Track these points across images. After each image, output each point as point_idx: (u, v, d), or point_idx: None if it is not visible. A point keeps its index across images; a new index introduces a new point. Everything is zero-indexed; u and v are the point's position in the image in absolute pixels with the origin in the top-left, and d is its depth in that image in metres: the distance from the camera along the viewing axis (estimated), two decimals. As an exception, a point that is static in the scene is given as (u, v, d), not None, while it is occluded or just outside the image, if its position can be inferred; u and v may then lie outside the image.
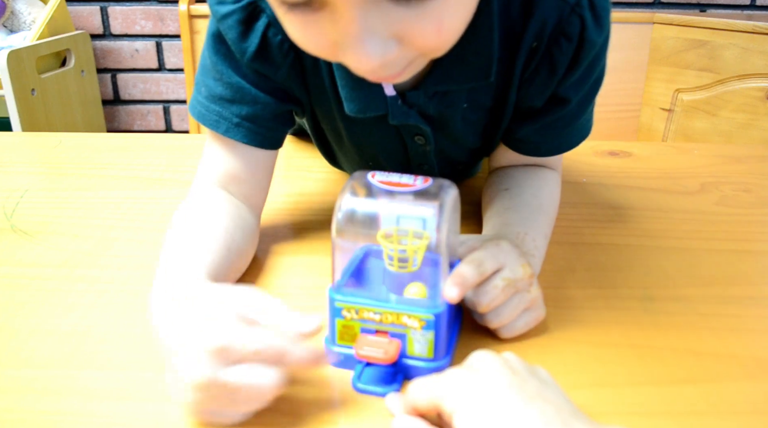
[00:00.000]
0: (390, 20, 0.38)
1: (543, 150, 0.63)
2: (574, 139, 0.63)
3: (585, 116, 0.61)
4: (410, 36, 0.40)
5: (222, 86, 0.56)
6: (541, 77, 0.55)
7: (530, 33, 0.52)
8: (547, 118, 0.59)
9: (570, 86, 0.56)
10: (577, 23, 0.51)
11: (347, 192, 0.43)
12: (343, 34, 0.39)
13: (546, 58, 0.54)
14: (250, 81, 0.56)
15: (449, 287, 0.43)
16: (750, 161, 0.90)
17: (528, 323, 0.48)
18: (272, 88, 0.57)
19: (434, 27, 0.39)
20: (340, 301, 0.43)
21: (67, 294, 0.54)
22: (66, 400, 0.42)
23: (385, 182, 0.43)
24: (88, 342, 0.48)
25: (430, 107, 0.57)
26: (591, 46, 0.53)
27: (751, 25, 1.47)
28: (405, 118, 0.57)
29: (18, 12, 1.76)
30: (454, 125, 0.59)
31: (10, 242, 0.64)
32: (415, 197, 0.42)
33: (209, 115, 0.57)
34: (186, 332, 0.38)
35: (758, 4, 1.88)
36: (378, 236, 0.42)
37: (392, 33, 0.39)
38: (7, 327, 0.50)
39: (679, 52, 1.60)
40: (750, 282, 0.58)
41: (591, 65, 0.55)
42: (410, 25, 0.39)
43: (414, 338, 0.43)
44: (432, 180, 0.44)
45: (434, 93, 0.55)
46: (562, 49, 0.53)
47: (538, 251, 0.55)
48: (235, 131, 0.57)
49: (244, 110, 0.56)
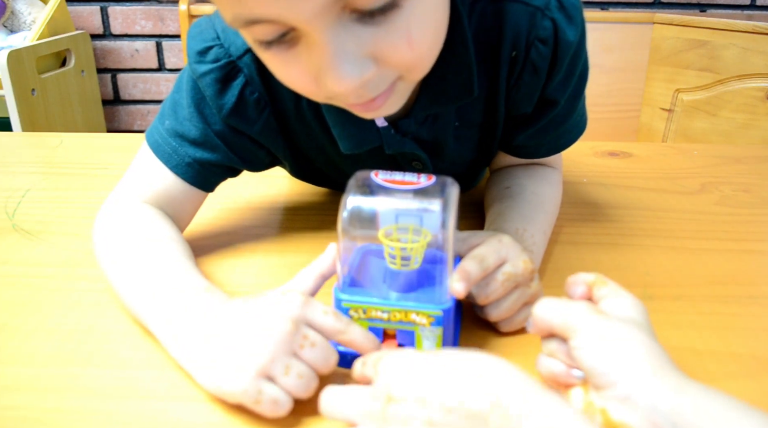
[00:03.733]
0: (361, 40, 0.40)
1: (542, 152, 0.64)
2: (571, 136, 0.63)
3: (577, 112, 0.61)
4: (384, 53, 0.41)
5: (190, 127, 0.57)
6: (526, 84, 0.55)
7: (506, 43, 0.52)
8: (539, 122, 0.59)
9: (556, 88, 0.56)
10: (550, 26, 0.52)
11: (351, 191, 0.43)
12: (319, 62, 0.40)
13: (528, 65, 0.54)
14: (218, 133, 0.57)
15: (456, 283, 0.43)
16: (750, 161, 0.90)
17: (527, 317, 0.49)
18: (239, 144, 0.58)
19: (404, 40, 0.41)
20: (347, 301, 0.44)
21: (69, 293, 0.55)
22: (68, 398, 0.42)
23: (388, 181, 0.44)
24: (89, 340, 0.48)
25: (423, 133, 0.57)
26: (568, 46, 0.53)
27: (751, 25, 1.48)
28: (400, 146, 0.57)
29: (18, 12, 1.76)
30: (448, 145, 0.60)
31: (12, 242, 0.64)
32: (418, 195, 0.43)
33: (164, 147, 0.57)
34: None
35: (758, 4, 1.89)
36: (379, 234, 0.43)
37: (366, 53, 0.40)
38: (9, 326, 0.50)
39: (679, 52, 1.60)
40: (750, 282, 0.58)
41: (572, 63, 0.55)
42: (381, 41, 0.40)
43: (423, 334, 0.43)
44: (435, 178, 0.44)
45: (425, 118, 0.56)
46: (541, 53, 0.53)
47: (536, 248, 0.55)
48: (184, 169, 0.57)
49: (200, 153, 0.57)
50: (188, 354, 0.43)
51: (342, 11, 0.38)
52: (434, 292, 0.44)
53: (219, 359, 0.41)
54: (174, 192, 0.58)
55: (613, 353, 0.35)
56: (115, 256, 0.53)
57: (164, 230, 0.55)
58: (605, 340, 0.36)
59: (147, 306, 0.47)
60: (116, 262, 0.52)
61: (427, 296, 0.44)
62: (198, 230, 0.66)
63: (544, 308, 0.40)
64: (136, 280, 0.49)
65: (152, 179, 0.58)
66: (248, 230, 0.67)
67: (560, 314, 0.38)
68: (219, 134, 0.57)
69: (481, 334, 0.49)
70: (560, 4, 0.52)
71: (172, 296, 0.46)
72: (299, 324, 0.41)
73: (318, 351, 0.41)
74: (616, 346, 0.35)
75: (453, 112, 0.57)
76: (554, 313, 0.39)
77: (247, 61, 0.54)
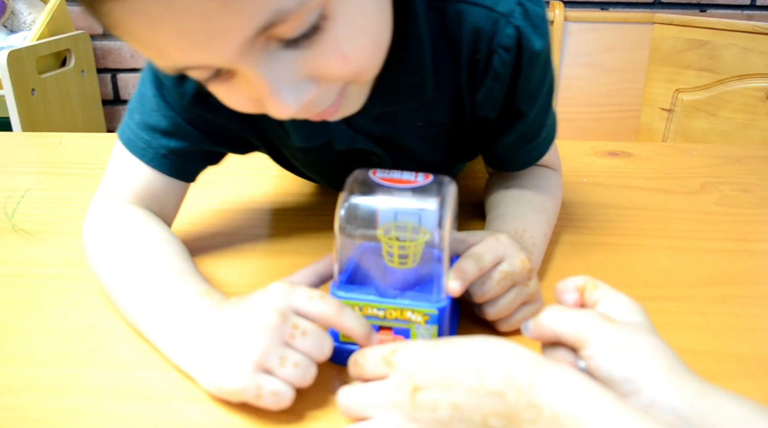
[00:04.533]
0: (294, 66, 0.39)
1: (516, 165, 0.64)
2: (543, 148, 0.63)
3: (547, 124, 0.61)
4: (320, 72, 0.40)
5: (158, 117, 0.56)
6: (488, 88, 0.54)
7: (466, 43, 0.52)
8: (511, 136, 0.58)
9: (524, 100, 0.55)
10: (513, 34, 0.50)
11: (349, 190, 0.43)
12: (257, 93, 0.40)
13: (489, 70, 0.53)
14: (186, 118, 0.56)
15: (452, 282, 0.43)
16: (750, 161, 0.90)
17: (525, 317, 0.49)
18: (209, 128, 0.57)
19: (337, 57, 0.39)
20: (344, 298, 0.44)
21: (69, 293, 0.55)
22: (67, 398, 0.42)
23: (386, 179, 0.44)
24: (89, 340, 0.48)
25: (377, 129, 0.57)
26: (534, 56, 0.52)
27: (751, 25, 1.48)
28: (352, 142, 0.57)
29: (18, 12, 1.76)
30: (409, 144, 0.59)
31: (12, 242, 0.64)
32: (416, 194, 0.43)
33: (137, 142, 0.57)
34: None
35: (758, 4, 1.89)
36: (377, 232, 0.43)
37: (302, 76, 0.39)
38: (9, 326, 0.50)
39: (679, 52, 1.60)
40: (750, 282, 0.58)
41: (541, 75, 0.54)
42: (314, 62, 0.39)
43: (418, 332, 0.43)
44: (433, 177, 0.44)
45: (379, 115, 0.55)
46: (503, 60, 0.52)
47: (536, 248, 0.55)
48: (160, 161, 0.57)
49: (173, 143, 0.57)
50: (188, 359, 0.43)
51: (267, 42, 0.37)
52: (431, 290, 0.44)
53: (216, 361, 0.41)
54: (155, 188, 0.58)
55: (630, 360, 0.35)
56: (106, 264, 0.53)
57: (154, 233, 0.55)
58: (620, 348, 0.36)
59: (142, 314, 0.48)
60: (108, 270, 0.52)
61: (423, 295, 0.44)
62: (196, 230, 0.67)
63: (552, 316, 0.39)
64: (129, 288, 0.49)
65: (131, 177, 0.58)
66: (247, 230, 0.67)
67: (570, 323, 0.38)
68: (188, 121, 0.56)
69: (479, 332, 0.49)
70: (525, 12, 0.50)
71: (165, 303, 0.46)
72: (286, 314, 0.41)
73: (310, 338, 0.41)
74: (631, 353, 0.35)
75: (413, 111, 0.56)
76: (564, 322, 0.39)
77: None
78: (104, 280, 0.52)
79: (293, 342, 0.40)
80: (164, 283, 0.48)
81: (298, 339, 0.40)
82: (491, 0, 0.50)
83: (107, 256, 0.53)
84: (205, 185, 0.65)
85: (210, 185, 0.76)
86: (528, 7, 0.50)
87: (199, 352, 0.42)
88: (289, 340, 0.40)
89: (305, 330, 0.41)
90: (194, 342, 0.43)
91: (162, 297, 0.47)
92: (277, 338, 0.40)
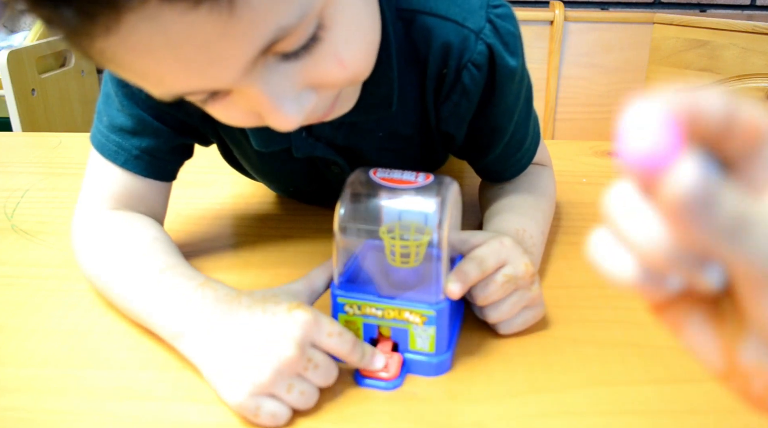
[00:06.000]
0: (293, 77, 0.38)
1: (507, 176, 0.63)
2: (530, 154, 0.63)
3: (530, 133, 0.61)
4: (319, 80, 0.40)
5: (124, 117, 0.55)
6: (454, 104, 0.54)
7: (433, 58, 0.51)
8: (496, 150, 0.59)
9: (503, 115, 0.55)
10: (485, 51, 0.50)
11: (349, 189, 0.43)
12: (257, 107, 0.39)
13: (458, 87, 0.53)
14: (152, 114, 0.55)
15: (452, 284, 0.43)
16: (750, 161, 0.90)
17: (527, 320, 0.48)
18: (174, 121, 0.56)
19: (335, 64, 0.39)
20: (342, 297, 0.44)
21: (68, 294, 0.54)
22: (66, 399, 0.42)
23: (386, 179, 0.44)
24: (88, 341, 0.48)
25: (338, 138, 0.56)
26: (510, 73, 0.52)
27: (751, 25, 1.48)
28: (311, 150, 0.56)
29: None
30: (369, 154, 0.58)
31: (11, 242, 0.64)
32: (416, 194, 0.43)
33: (109, 145, 0.56)
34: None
35: (758, 4, 1.88)
36: (380, 231, 0.43)
37: (302, 86, 0.39)
38: (8, 326, 0.50)
39: (679, 52, 1.60)
40: (750, 282, 0.58)
41: (517, 90, 0.55)
42: (313, 71, 0.39)
43: (416, 333, 0.43)
44: (433, 177, 0.44)
45: (341, 124, 0.54)
46: (474, 77, 0.52)
47: (536, 249, 0.55)
48: (134, 163, 0.56)
49: (144, 142, 0.56)
50: (197, 354, 0.43)
51: (265, 58, 0.36)
52: (432, 291, 0.44)
53: (223, 368, 0.41)
54: (134, 190, 0.57)
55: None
56: (98, 270, 0.52)
57: (142, 232, 0.54)
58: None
59: (147, 311, 0.47)
60: (102, 275, 0.52)
61: (422, 295, 0.44)
62: (195, 229, 0.66)
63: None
64: (129, 289, 0.49)
65: (108, 183, 0.57)
66: (246, 230, 0.67)
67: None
68: (155, 116, 0.55)
69: (480, 335, 0.49)
70: (495, 29, 0.50)
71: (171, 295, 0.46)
72: (305, 349, 0.40)
73: (321, 371, 0.41)
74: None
75: (375, 122, 0.55)
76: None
77: None
78: (101, 285, 0.52)
79: (305, 373, 0.41)
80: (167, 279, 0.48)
81: (310, 372, 0.41)
82: (461, 15, 0.50)
83: (99, 262, 0.52)
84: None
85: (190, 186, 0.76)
86: (498, 24, 0.50)
87: (208, 350, 0.42)
88: (301, 371, 0.41)
89: (318, 363, 0.41)
90: (204, 339, 0.43)
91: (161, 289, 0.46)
92: (290, 370, 0.40)
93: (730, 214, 0.17)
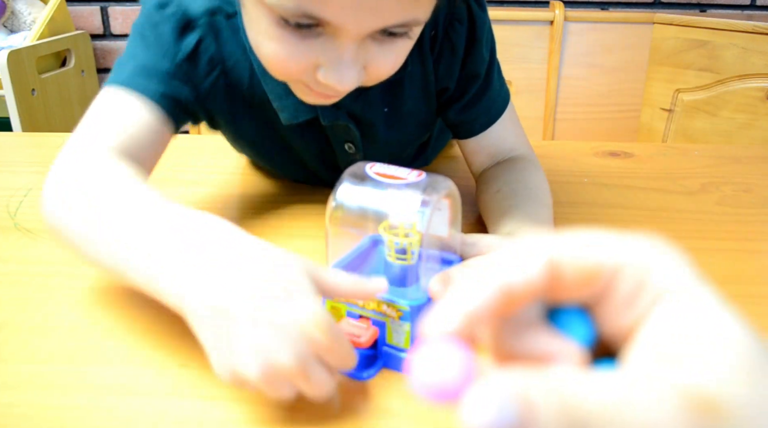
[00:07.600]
0: (366, 53, 0.46)
1: (477, 127, 0.68)
2: (498, 105, 0.68)
3: (496, 82, 0.67)
4: (373, 66, 0.48)
5: (156, 59, 0.57)
6: (446, 60, 0.63)
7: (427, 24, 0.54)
8: (465, 97, 0.66)
9: (479, 64, 0.64)
10: (463, 7, 0.60)
11: (343, 181, 0.44)
12: (330, 58, 0.45)
13: (446, 42, 0.62)
14: (178, 77, 0.58)
15: (434, 283, 0.43)
16: (750, 161, 0.91)
17: None
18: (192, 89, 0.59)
19: (393, 60, 0.49)
20: None
21: (71, 291, 0.55)
22: (69, 396, 0.42)
23: (380, 174, 0.44)
24: (91, 338, 0.48)
25: (356, 108, 0.63)
26: (482, 23, 0.62)
27: (751, 25, 1.48)
28: (335, 117, 0.62)
29: (18, 12, 1.76)
30: (379, 128, 0.65)
31: (14, 240, 0.64)
32: (405, 190, 0.43)
33: (133, 83, 0.56)
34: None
35: (758, 4, 1.89)
36: (380, 227, 0.43)
37: (364, 62, 0.47)
38: (12, 323, 0.50)
39: (679, 52, 1.60)
40: (750, 282, 0.58)
41: (487, 39, 0.64)
42: (377, 57, 0.47)
43: (393, 327, 0.43)
44: (425, 175, 0.45)
45: (358, 94, 0.59)
46: (457, 32, 0.61)
47: None
48: (159, 99, 0.56)
49: (168, 90, 0.57)
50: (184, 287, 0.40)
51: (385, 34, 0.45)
52: (418, 289, 0.44)
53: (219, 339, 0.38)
54: (141, 131, 0.55)
55: None
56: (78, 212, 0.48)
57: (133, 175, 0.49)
58: None
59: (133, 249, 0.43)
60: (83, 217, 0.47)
61: (403, 291, 0.44)
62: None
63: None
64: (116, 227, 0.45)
65: (116, 121, 0.55)
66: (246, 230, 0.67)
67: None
68: (179, 77, 0.58)
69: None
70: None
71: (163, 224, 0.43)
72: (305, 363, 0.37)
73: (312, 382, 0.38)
74: None
75: (379, 96, 0.62)
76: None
77: (203, 23, 0.57)
78: (78, 229, 0.48)
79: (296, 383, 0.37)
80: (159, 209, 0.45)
81: (301, 384, 0.37)
82: None
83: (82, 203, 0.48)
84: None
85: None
86: None
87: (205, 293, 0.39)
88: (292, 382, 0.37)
89: (309, 376, 0.37)
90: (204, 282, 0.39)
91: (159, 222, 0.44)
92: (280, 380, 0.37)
93: None
